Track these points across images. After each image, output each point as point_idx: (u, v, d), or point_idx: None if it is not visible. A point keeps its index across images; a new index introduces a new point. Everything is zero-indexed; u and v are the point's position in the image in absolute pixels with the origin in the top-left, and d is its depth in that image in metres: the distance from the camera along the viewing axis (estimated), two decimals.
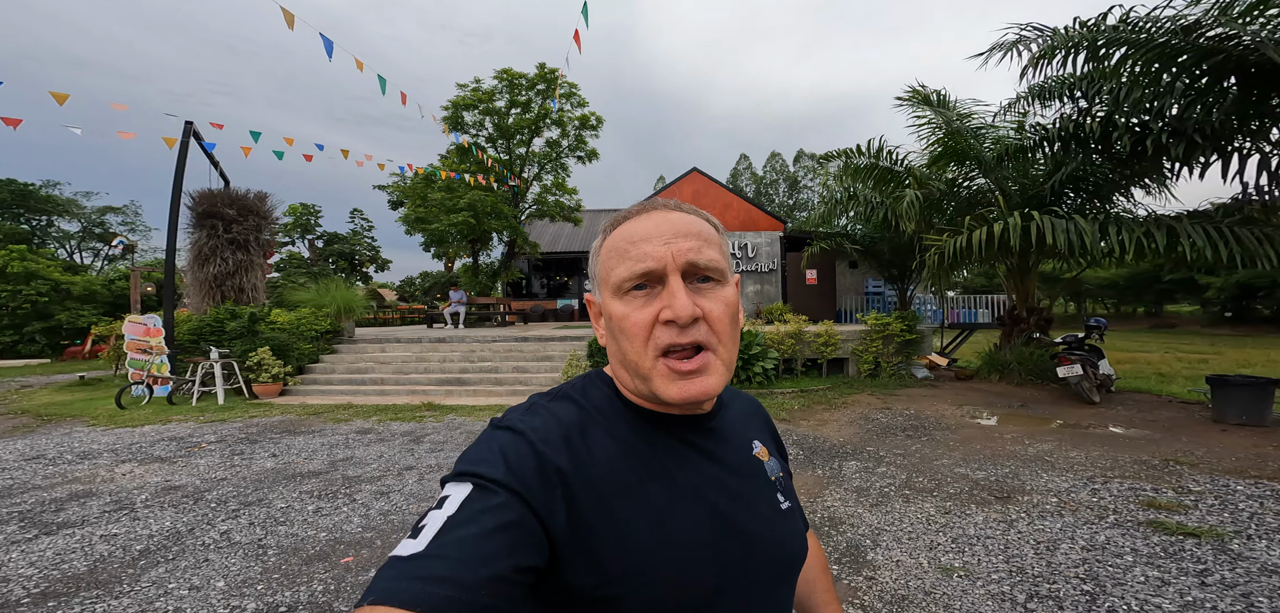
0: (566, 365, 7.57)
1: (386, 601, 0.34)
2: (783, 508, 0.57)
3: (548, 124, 14.16)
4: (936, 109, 7.99)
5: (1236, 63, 5.00)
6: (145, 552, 2.72)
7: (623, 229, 0.52)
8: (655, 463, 0.50)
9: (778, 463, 0.62)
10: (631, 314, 0.49)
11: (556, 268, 21.00)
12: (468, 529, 0.39)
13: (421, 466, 4.29)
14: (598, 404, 0.53)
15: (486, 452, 0.45)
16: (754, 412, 0.67)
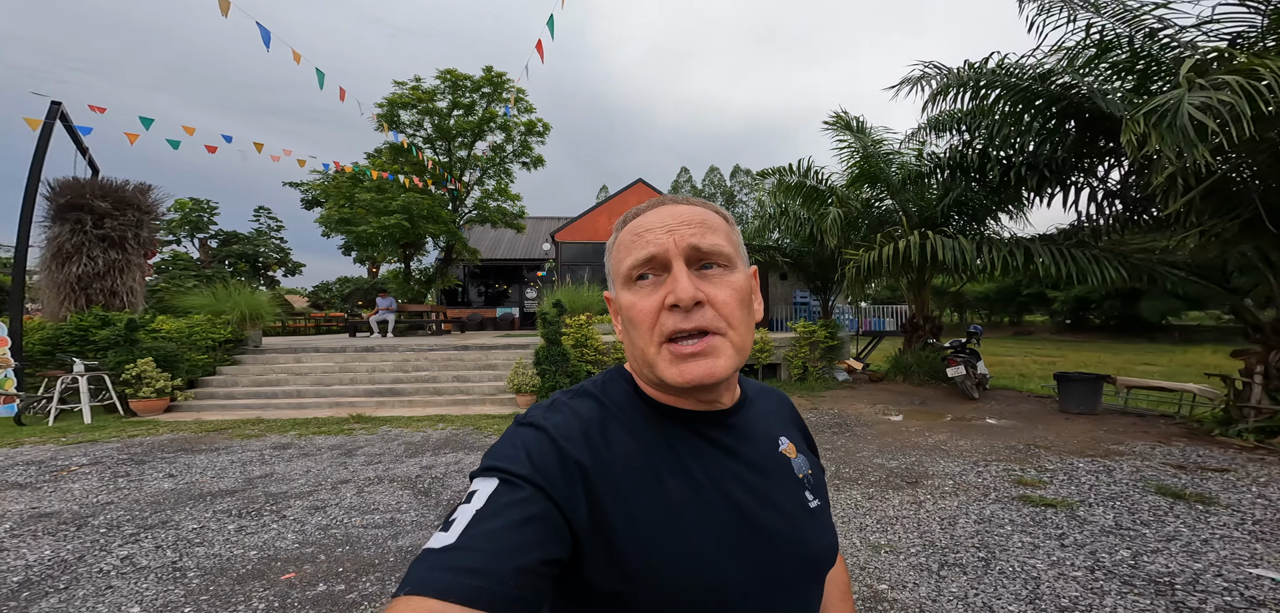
0: (512, 374, 7.42)
1: (422, 591, 0.35)
2: (811, 506, 0.56)
3: (493, 128, 13.81)
4: (855, 135, 8.96)
5: (1076, 108, 6.18)
6: (26, 582, 2.34)
7: (631, 224, 0.53)
8: (674, 459, 0.50)
9: (806, 460, 0.60)
10: (638, 302, 0.50)
11: (496, 275, 20.35)
12: (495, 522, 0.40)
13: (358, 478, 4.04)
14: (618, 401, 0.53)
15: (511, 448, 0.47)
16: (782, 407, 0.66)
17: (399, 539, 2.99)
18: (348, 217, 11.94)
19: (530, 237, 21.01)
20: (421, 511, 3.47)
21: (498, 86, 13.07)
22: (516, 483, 0.43)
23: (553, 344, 7.66)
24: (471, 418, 6.59)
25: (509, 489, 0.43)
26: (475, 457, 4.78)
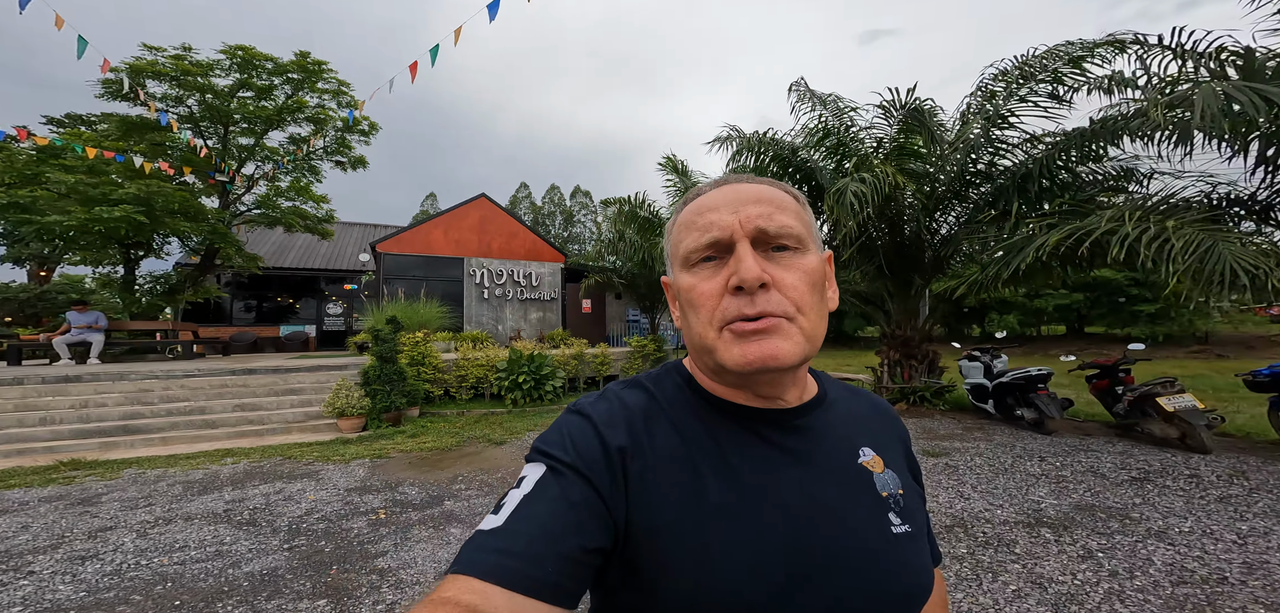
0: (332, 397, 6.50)
1: (468, 571, 0.36)
2: (894, 531, 0.48)
3: (298, 120, 11.65)
4: (680, 176, 10.81)
5: (807, 175, 8.94)
6: None
7: (694, 203, 0.50)
8: (721, 458, 0.46)
9: (895, 477, 0.52)
10: (699, 285, 0.47)
11: (283, 287, 16.65)
12: (540, 507, 0.40)
13: (130, 523, 3.21)
14: (669, 395, 0.51)
15: (558, 435, 0.46)
16: (874, 415, 0.58)
17: (243, 566, 2.61)
18: (23, 202, 8.40)
19: (334, 245, 17.97)
20: (255, 540, 3.02)
21: (312, 75, 11.19)
22: (562, 470, 0.43)
23: (387, 362, 7.01)
24: (277, 448, 5.57)
25: (555, 476, 0.42)
26: (300, 485, 4.21)
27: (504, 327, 13.62)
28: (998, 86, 6.56)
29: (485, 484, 4.21)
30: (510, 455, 5.20)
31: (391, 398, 6.89)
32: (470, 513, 3.54)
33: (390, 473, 4.60)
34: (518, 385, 8.43)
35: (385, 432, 6.50)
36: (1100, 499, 3.38)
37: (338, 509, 3.64)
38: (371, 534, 3.19)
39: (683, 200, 0.53)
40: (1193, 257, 3.66)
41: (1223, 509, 3.11)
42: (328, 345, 16.55)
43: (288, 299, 16.92)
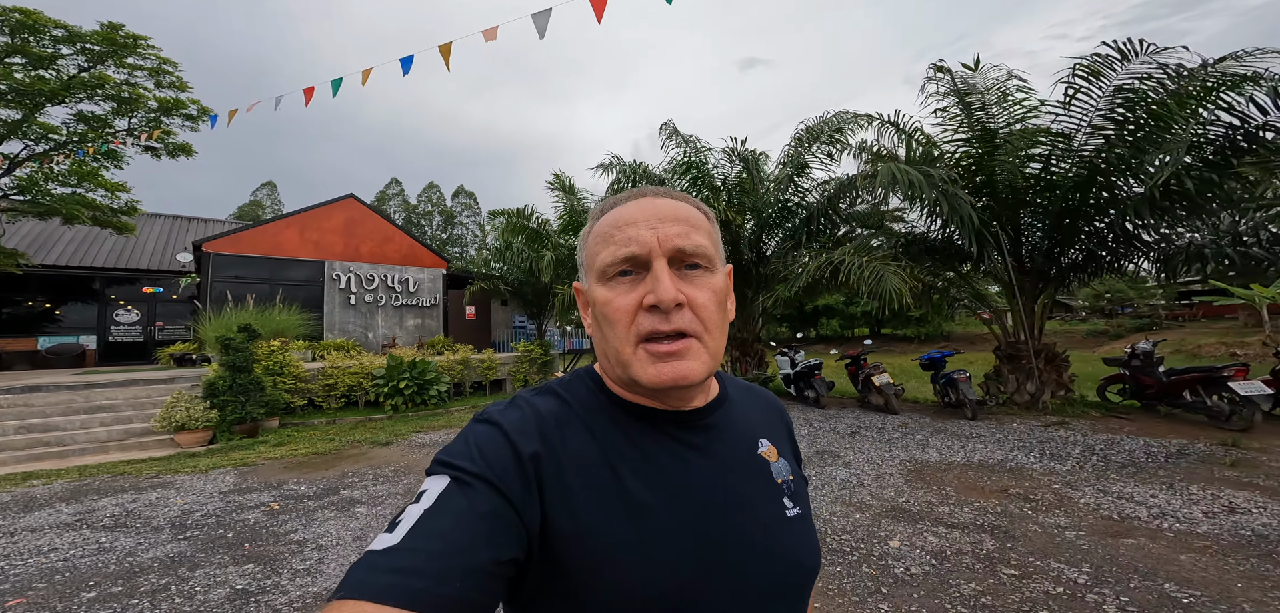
0: (166, 411, 5.74)
1: (358, 595, 0.33)
2: (789, 514, 0.51)
3: (93, 97, 9.48)
4: (567, 193, 11.60)
5: None
6: None
7: (610, 214, 0.50)
8: (637, 459, 0.47)
9: (787, 465, 0.55)
10: (615, 300, 0.47)
11: (41, 289, 12.86)
12: (444, 521, 0.38)
13: None
14: (581, 399, 0.51)
15: (464, 446, 0.45)
16: (767, 410, 0.62)
17: (142, 555, 2.62)
18: None
19: (123, 240, 14.52)
20: (138, 536, 2.95)
21: (122, 48, 9.27)
22: (468, 480, 0.41)
23: (242, 371, 6.40)
24: (97, 467, 4.82)
25: (460, 487, 0.41)
26: (157, 494, 3.93)
27: (375, 334, 12.70)
28: (801, 141, 8.80)
29: (380, 476, 4.44)
30: (399, 454, 5.37)
31: (246, 409, 6.31)
32: (372, 498, 3.83)
33: (266, 476, 4.49)
34: (399, 391, 8.26)
35: (241, 443, 5.97)
36: (831, 446, 5.10)
37: (221, 507, 3.60)
38: (271, 521, 3.33)
39: (599, 208, 0.53)
40: (873, 281, 5.78)
41: (887, 447, 5.02)
42: (117, 359, 13.24)
43: (44, 303, 13.00)
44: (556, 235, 11.67)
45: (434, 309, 13.52)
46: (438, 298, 13.53)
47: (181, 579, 2.45)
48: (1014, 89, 6.44)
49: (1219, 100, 5.24)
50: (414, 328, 13.19)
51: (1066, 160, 6.23)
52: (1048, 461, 4.21)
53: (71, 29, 9.09)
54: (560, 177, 11.35)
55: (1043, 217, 6.56)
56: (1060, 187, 6.23)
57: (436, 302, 13.52)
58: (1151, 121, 5.54)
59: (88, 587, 2.36)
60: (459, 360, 9.74)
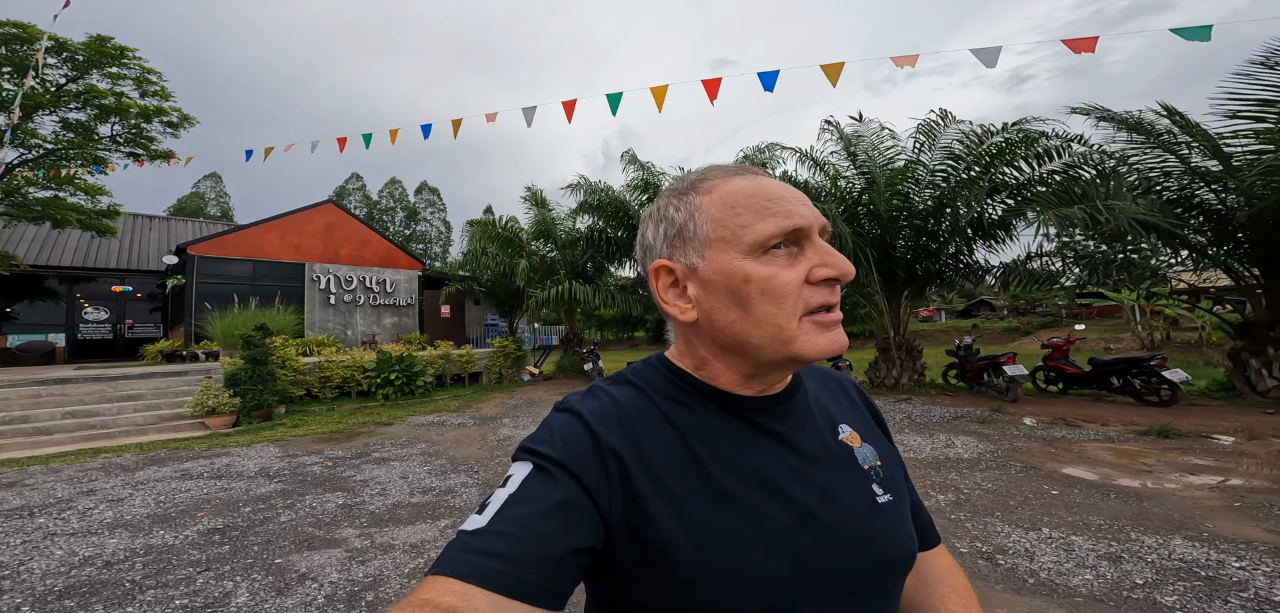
0: (197, 398, 6.80)
1: (450, 572, 0.36)
2: (879, 501, 0.50)
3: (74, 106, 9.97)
4: (539, 206, 12.96)
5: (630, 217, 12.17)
6: None
7: (741, 184, 0.48)
8: (719, 447, 0.47)
9: (873, 450, 0.54)
10: (780, 274, 0.45)
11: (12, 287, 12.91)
12: (526, 507, 0.40)
13: (127, 487, 4.02)
14: (660, 388, 0.50)
15: (546, 433, 0.46)
16: (844, 391, 0.60)
17: (256, 489, 3.96)
18: None
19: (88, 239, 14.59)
20: (240, 483, 4.25)
21: (109, 58, 9.81)
22: (549, 468, 0.42)
23: (260, 364, 7.49)
24: (150, 444, 5.91)
25: (541, 475, 0.42)
26: (224, 460, 5.15)
27: (354, 331, 13.59)
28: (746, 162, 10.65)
29: (396, 444, 5.81)
30: (403, 430, 6.71)
31: (263, 396, 7.42)
32: (398, 458, 5.20)
33: (302, 447, 5.76)
34: (390, 382, 9.46)
35: (261, 425, 7.09)
36: None
37: (285, 465, 4.89)
38: (332, 472, 4.68)
39: (699, 177, 0.50)
40: None
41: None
42: (86, 356, 13.46)
43: (6, 303, 13.01)
44: (529, 243, 13.02)
45: (410, 308, 14.52)
46: (413, 297, 14.54)
47: (298, 500, 3.82)
48: (886, 137, 8.49)
49: (1004, 160, 7.44)
50: (391, 326, 14.16)
51: (917, 197, 8.33)
52: None
53: (61, 40, 9.59)
54: (533, 191, 12.71)
55: (906, 238, 8.66)
56: (918, 216, 8.32)
57: (412, 301, 14.53)
58: (964, 171, 7.69)
59: (238, 508, 3.69)
60: (440, 355, 10.98)
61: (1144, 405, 6.36)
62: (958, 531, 2.89)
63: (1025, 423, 5.72)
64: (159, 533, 3.11)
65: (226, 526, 3.23)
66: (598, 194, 11.40)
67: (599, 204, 11.73)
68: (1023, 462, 4.23)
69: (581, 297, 11.26)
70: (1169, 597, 2.07)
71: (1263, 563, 2.32)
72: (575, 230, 13.35)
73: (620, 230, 12.20)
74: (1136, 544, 2.58)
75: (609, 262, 13.20)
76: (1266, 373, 6.30)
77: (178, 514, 3.46)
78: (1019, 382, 6.86)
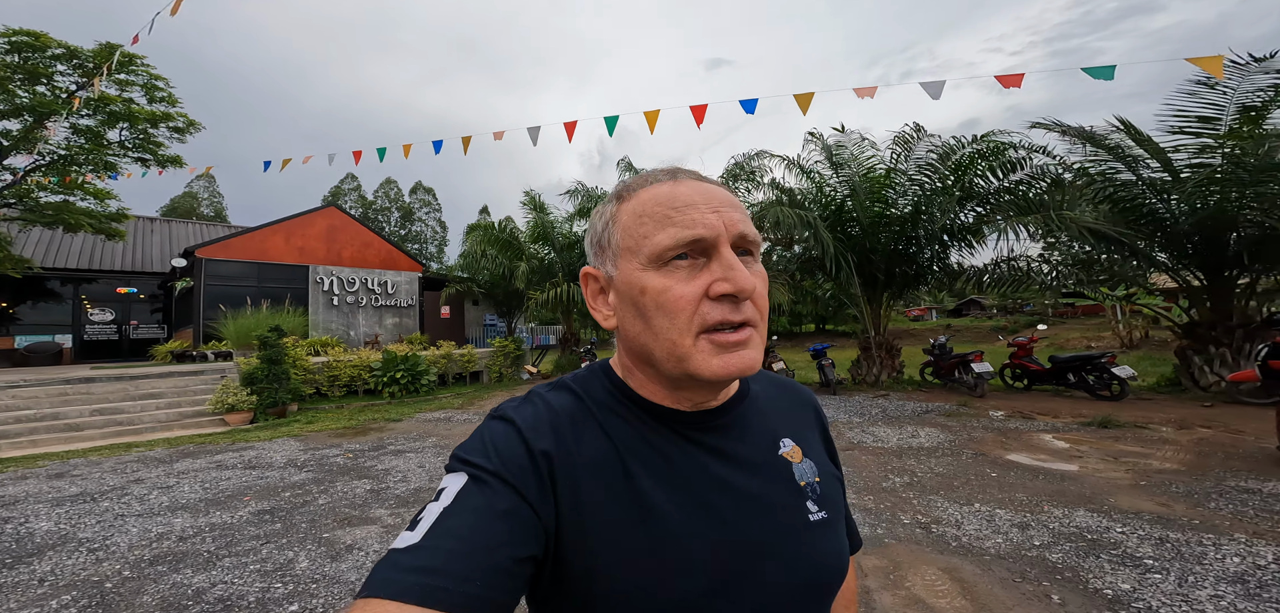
0: (217, 396, 7.20)
1: (380, 593, 0.34)
2: (812, 519, 0.49)
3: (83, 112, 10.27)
4: (537, 211, 13.39)
5: None
6: None
7: (654, 191, 0.47)
8: (652, 460, 0.46)
9: (813, 465, 0.53)
10: (675, 287, 0.44)
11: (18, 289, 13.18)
12: (462, 519, 0.39)
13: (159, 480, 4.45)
14: (596, 397, 0.50)
15: (479, 443, 0.45)
16: (793, 405, 0.59)
17: (291, 477, 4.40)
18: None
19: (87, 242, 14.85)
20: (275, 472, 4.70)
21: (120, 65, 10.10)
22: (484, 479, 0.41)
23: (276, 364, 7.89)
24: (177, 439, 6.32)
25: (477, 485, 0.41)
26: (252, 453, 5.59)
27: (356, 332, 13.97)
28: (730, 175, 11.11)
29: (408, 437, 6.25)
30: (413, 425, 7.15)
31: (278, 394, 7.83)
32: (414, 449, 5.66)
33: (321, 442, 6.19)
34: (396, 381, 9.88)
35: (277, 422, 7.51)
36: None
37: (309, 457, 5.33)
38: (354, 462, 5.13)
39: (627, 186, 0.50)
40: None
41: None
42: (92, 357, 13.75)
43: (8, 304, 13.23)
44: (528, 246, 13.46)
45: (411, 309, 14.91)
46: (414, 298, 14.93)
47: (330, 486, 4.27)
48: (866, 148, 9.02)
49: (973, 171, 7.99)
50: (393, 326, 14.55)
51: (895, 205, 8.87)
52: (853, 415, 6.67)
53: (72, 48, 9.89)
54: (532, 196, 13.15)
55: (885, 243, 9.20)
56: (896, 222, 8.86)
57: (413, 302, 14.92)
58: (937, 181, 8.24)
59: (278, 494, 4.13)
60: (443, 354, 11.42)
61: (1097, 400, 6.93)
62: (904, 506, 3.41)
63: (993, 416, 6.26)
64: (215, 514, 3.56)
65: (273, 508, 3.68)
66: (594, 200, 11.86)
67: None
68: (974, 450, 4.77)
69: (579, 298, 11.71)
70: (1056, 554, 2.59)
71: (1140, 528, 2.85)
72: (572, 234, 13.79)
73: None
74: (1046, 516, 3.10)
75: None
76: (1208, 369, 6.89)
77: (226, 499, 3.91)
78: (985, 378, 7.42)
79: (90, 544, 3.06)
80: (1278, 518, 2.91)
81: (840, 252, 8.52)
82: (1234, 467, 3.90)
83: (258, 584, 2.54)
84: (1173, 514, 3.02)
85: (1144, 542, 2.67)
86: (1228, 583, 2.20)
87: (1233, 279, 7.00)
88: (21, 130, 9.99)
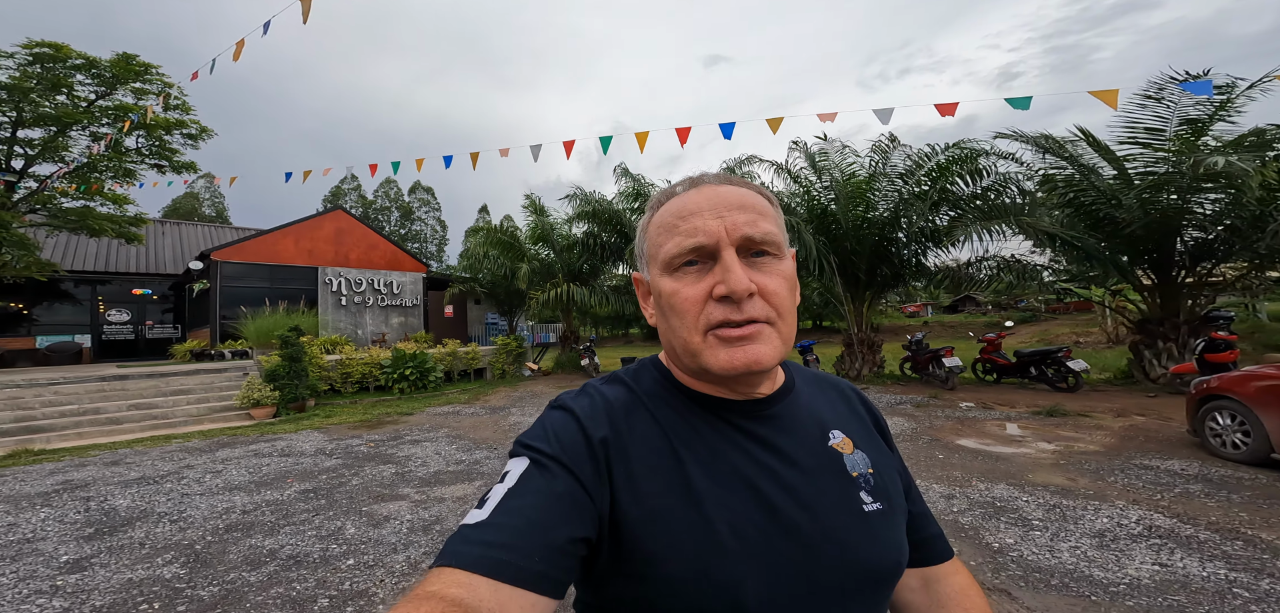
0: (244, 392, 7.76)
1: (453, 563, 0.38)
2: (866, 509, 0.50)
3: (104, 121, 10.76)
4: (537, 213, 13.91)
5: (625, 226, 13.20)
6: None
7: (672, 204, 0.51)
8: (702, 449, 0.48)
9: (865, 457, 0.54)
10: (682, 290, 0.48)
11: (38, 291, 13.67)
12: (525, 500, 0.42)
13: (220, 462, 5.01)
14: (647, 388, 0.53)
15: (541, 430, 0.48)
16: (840, 398, 0.61)
17: (323, 464, 4.99)
18: None
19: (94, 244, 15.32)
20: (310, 459, 5.28)
21: (136, 74, 10.58)
22: (544, 463, 0.45)
23: (296, 361, 8.45)
24: (211, 431, 6.89)
25: (538, 469, 0.44)
26: (282, 443, 6.15)
27: (364, 331, 14.52)
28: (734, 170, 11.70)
29: (422, 429, 6.82)
30: (425, 419, 7.72)
31: (299, 390, 8.40)
32: (429, 439, 6.23)
33: (342, 433, 6.76)
34: (405, 377, 10.46)
35: (297, 416, 8.08)
36: None
37: (335, 447, 5.90)
38: (376, 450, 5.70)
39: (658, 198, 0.54)
40: None
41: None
42: (110, 356, 14.29)
43: (16, 305, 13.60)
44: (528, 247, 14.00)
45: (416, 308, 15.46)
46: (418, 298, 15.47)
47: (360, 470, 4.84)
48: (848, 155, 9.57)
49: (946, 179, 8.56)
50: (398, 325, 15.10)
51: (874, 210, 9.43)
52: None
53: (92, 59, 10.35)
54: (533, 200, 13.68)
55: (866, 245, 9.77)
56: (876, 225, 9.42)
57: (418, 302, 15.46)
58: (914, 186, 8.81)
59: (316, 477, 4.70)
60: (448, 352, 11.98)
61: (1056, 391, 7.53)
62: None
63: (961, 406, 6.86)
64: (266, 493, 4.13)
65: (314, 488, 4.26)
66: (592, 203, 12.40)
67: (594, 212, 12.74)
68: (931, 436, 5.36)
69: (578, 298, 12.28)
70: (966, 518, 3.18)
71: (1042, 497, 3.44)
72: (572, 235, 14.31)
73: (613, 235, 13.19)
74: (971, 488, 3.69)
75: (603, 264, 14.21)
76: (1156, 363, 7.49)
77: (271, 481, 4.48)
78: (956, 371, 8.02)
79: (170, 517, 3.63)
80: (1158, 488, 3.50)
81: (822, 253, 9.08)
82: (1148, 448, 4.49)
83: (317, 546, 3.12)
84: (1074, 487, 3.61)
85: (1039, 508, 3.26)
86: (1089, 538, 2.79)
87: (1179, 279, 7.59)
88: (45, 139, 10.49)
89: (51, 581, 2.72)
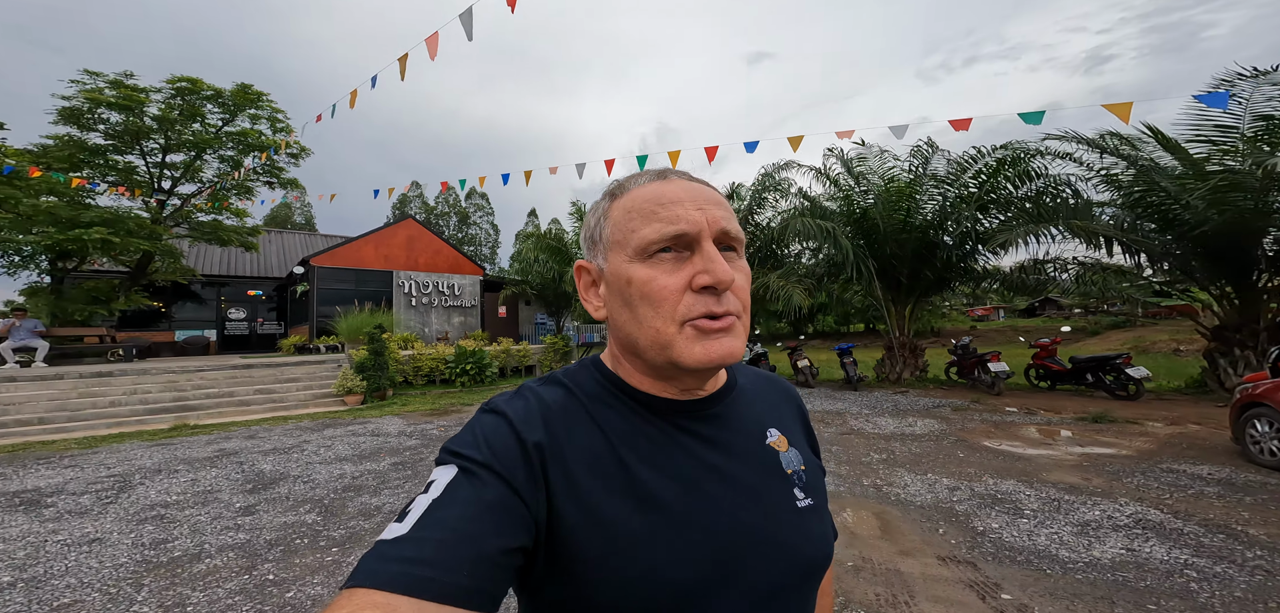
0: (339, 381, 9.14)
1: (367, 583, 0.35)
2: (800, 505, 0.51)
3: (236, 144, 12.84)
4: (581, 220, 14.86)
5: None
6: None
7: (647, 189, 0.50)
8: (644, 450, 0.48)
9: (798, 454, 0.55)
10: (659, 278, 0.46)
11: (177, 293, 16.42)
12: (451, 511, 0.39)
13: (357, 435, 6.16)
14: (587, 389, 0.52)
15: (470, 436, 0.46)
16: (779, 398, 0.62)
17: (405, 442, 6.00)
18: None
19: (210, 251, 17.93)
20: (400, 440, 6.32)
21: (252, 101, 12.54)
22: (474, 470, 0.42)
23: (379, 356, 9.79)
24: (317, 414, 8.24)
25: (467, 477, 0.42)
26: (372, 425, 7.29)
27: (429, 329, 16.11)
28: (760, 184, 11.89)
29: None
30: None
31: (381, 381, 9.71)
32: None
33: (418, 419, 7.84)
34: (465, 372, 11.66)
35: (380, 404, 9.36)
36: None
37: (412, 430, 6.94)
38: (448, 433, 6.64)
39: (620, 185, 0.53)
40: (785, 298, 8.95)
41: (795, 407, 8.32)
42: (232, 348, 16.84)
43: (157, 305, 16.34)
44: (574, 251, 14.95)
45: (474, 309, 16.89)
46: (476, 299, 16.89)
47: (436, 449, 5.76)
48: (888, 159, 9.56)
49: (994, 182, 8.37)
50: (459, 324, 16.59)
51: (917, 213, 9.35)
52: (864, 408, 7.43)
53: (218, 89, 12.37)
54: (577, 206, 14.63)
55: (908, 250, 9.69)
56: (917, 230, 9.35)
57: (475, 303, 16.88)
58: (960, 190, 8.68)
59: (401, 452, 5.67)
60: (502, 350, 13.13)
61: (1115, 398, 7.22)
62: (870, 474, 4.32)
63: (1006, 411, 6.81)
64: (366, 464, 5.12)
65: (402, 461, 5.20)
66: None
67: None
68: (959, 437, 5.49)
69: None
70: (962, 507, 3.46)
71: (1045, 492, 3.63)
72: None
73: None
74: (977, 483, 3.92)
75: None
76: (1232, 371, 6.99)
77: (369, 454, 5.49)
78: (1002, 377, 7.88)
79: (301, 479, 4.66)
80: (1173, 490, 3.58)
81: (860, 258, 9.16)
82: (1185, 455, 4.44)
83: None
84: (1084, 485, 3.75)
85: (1036, 501, 3.47)
86: (1071, 528, 3.02)
87: (1261, 284, 7.02)
88: (185, 163, 12.68)
89: (233, 520, 3.73)
